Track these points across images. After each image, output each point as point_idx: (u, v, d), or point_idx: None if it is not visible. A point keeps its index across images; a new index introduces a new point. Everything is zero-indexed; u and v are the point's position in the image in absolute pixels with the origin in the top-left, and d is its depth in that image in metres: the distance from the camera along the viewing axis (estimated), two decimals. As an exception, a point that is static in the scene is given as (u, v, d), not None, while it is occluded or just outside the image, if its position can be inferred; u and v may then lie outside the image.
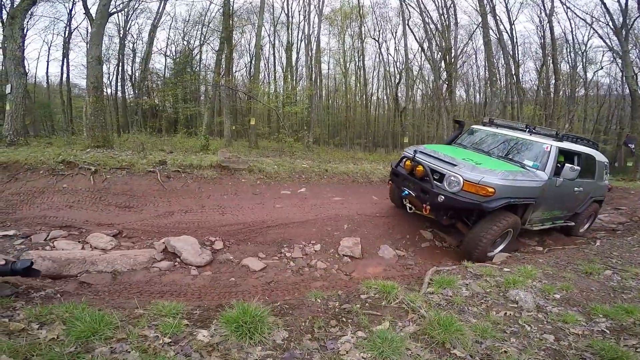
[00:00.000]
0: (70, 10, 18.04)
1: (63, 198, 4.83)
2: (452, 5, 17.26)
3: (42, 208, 4.56)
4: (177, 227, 4.45)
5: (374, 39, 24.65)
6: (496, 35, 16.65)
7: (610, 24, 14.94)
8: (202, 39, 21.65)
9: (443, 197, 4.04)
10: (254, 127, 13.67)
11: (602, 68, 21.22)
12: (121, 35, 19.20)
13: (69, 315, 1.79)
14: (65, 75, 19.54)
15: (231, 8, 13.50)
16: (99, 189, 5.16)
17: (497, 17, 16.61)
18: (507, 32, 18.63)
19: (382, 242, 4.67)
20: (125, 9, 17.52)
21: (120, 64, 20.01)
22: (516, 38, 19.57)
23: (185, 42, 21.94)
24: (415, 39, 21.32)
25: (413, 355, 1.79)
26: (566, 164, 4.39)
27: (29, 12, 12.87)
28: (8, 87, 7.79)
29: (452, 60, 17.34)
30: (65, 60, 19.25)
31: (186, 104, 18.27)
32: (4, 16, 14.03)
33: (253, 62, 19.24)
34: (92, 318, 1.73)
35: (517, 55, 19.72)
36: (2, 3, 14.71)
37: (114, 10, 14.43)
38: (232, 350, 1.67)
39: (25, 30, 13.66)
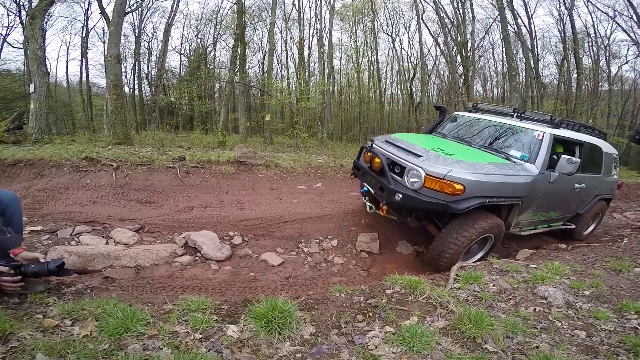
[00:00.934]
0: (87, 10, 18.48)
1: (87, 194, 4.95)
2: (467, -1, 16.88)
3: (67, 204, 4.68)
4: (197, 222, 4.50)
5: (387, 33, 24.34)
6: (514, 29, 16.21)
7: (634, 17, 14.34)
8: (216, 36, 21.83)
9: (401, 195, 3.32)
10: (268, 123, 13.73)
11: (627, 62, 20.34)
12: (136, 35, 19.55)
13: (101, 311, 1.81)
14: (84, 75, 20.07)
15: (243, 5, 13.53)
16: (120, 185, 5.26)
17: (515, 11, 16.15)
18: (525, 26, 18.10)
19: (401, 237, 4.62)
20: (140, 8, 17.83)
21: (137, 63, 20.39)
22: (535, 32, 19.01)
23: (199, 40, 22.16)
24: (430, 33, 20.99)
25: (444, 350, 1.76)
26: (562, 155, 3.65)
27: (47, 13, 13.22)
28: (32, 87, 8.02)
29: (469, 54, 16.98)
30: (83, 60, 19.75)
31: (201, 101, 18.47)
32: (24, 17, 14.52)
33: (266, 58, 19.30)
34: (124, 314, 1.75)
35: (536, 49, 19.17)
36: (22, 4, 15.16)
37: (129, 9, 14.74)
38: (261, 346, 1.67)
39: (44, 31, 14.08)
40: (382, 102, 26.06)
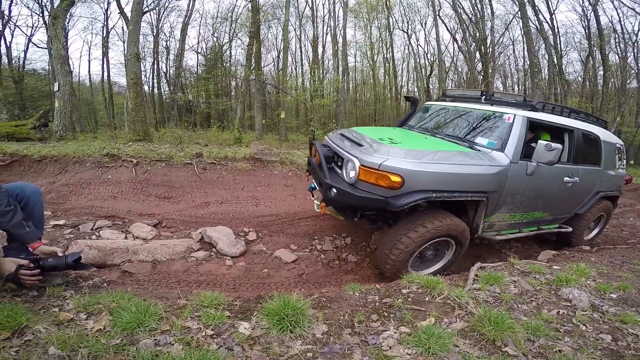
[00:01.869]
0: (106, 10, 19.06)
1: (108, 189, 5.08)
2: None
3: (89, 198, 4.82)
4: (213, 217, 4.55)
5: (403, 30, 24.09)
6: (535, 25, 15.68)
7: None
8: (232, 34, 22.07)
9: (335, 190, 2.86)
10: (283, 121, 13.78)
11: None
12: (155, 34, 19.99)
13: (115, 305, 1.83)
14: (106, 74, 20.68)
15: (257, 3, 13.62)
16: (140, 180, 5.38)
17: (536, 7, 15.59)
18: (547, 22, 17.48)
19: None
20: (157, 8, 18.21)
21: (155, 61, 20.85)
22: (557, 28, 18.34)
23: (215, 39, 22.45)
24: (447, 29, 20.60)
25: (461, 352, 1.70)
26: (539, 141, 3.04)
27: (69, 13, 13.68)
28: (56, 85, 8.29)
29: (488, 51, 16.54)
30: (105, 59, 20.35)
31: (218, 99, 18.72)
32: (47, 18, 15.13)
33: (281, 56, 19.37)
34: (137, 309, 1.75)
35: (559, 45, 18.48)
36: (44, 5, 15.78)
37: (147, 9, 15.06)
38: (272, 344, 1.65)
39: (67, 31, 14.63)
40: (398, 99, 25.76)
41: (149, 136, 8.18)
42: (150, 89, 21.67)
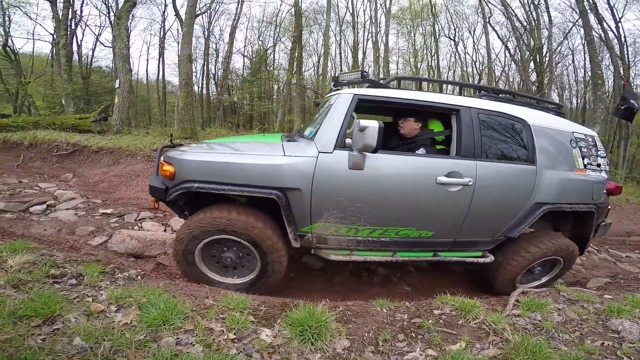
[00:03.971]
0: (163, 12, 20.43)
1: (154, 182, 5.39)
2: (541, 1, 15.38)
3: (137, 190, 5.14)
4: (247, 217, 4.64)
5: (449, 37, 23.24)
6: (599, 34, 14.40)
7: None
8: (276, 38, 22.65)
9: (150, 184, 2.78)
10: (322, 126, 13.87)
11: None
12: (206, 36, 21.05)
13: (145, 300, 1.87)
14: (161, 73, 22.12)
15: (300, 7, 13.81)
16: (183, 176, 5.64)
17: (600, 15, 14.30)
18: (612, 30, 15.91)
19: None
20: (209, 11, 19.17)
21: (206, 63, 21.94)
22: (624, 37, 16.63)
23: (260, 42, 23.16)
24: (498, 36, 19.56)
25: (490, 382, 1.58)
26: (355, 120, 2.34)
27: (131, 14, 14.83)
28: (117, 82, 9.00)
29: (544, 60, 15.46)
30: (161, 59, 21.80)
31: (261, 102, 19.26)
32: (112, 18, 16.57)
33: (321, 61, 19.52)
34: (166, 305, 1.78)
35: (626, 56, 16.80)
36: (110, 6, 17.29)
37: (199, 11, 15.89)
38: (292, 355, 1.63)
39: (129, 31, 15.89)
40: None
41: (195, 134, 8.59)
42: (200, 89, 22.86)
